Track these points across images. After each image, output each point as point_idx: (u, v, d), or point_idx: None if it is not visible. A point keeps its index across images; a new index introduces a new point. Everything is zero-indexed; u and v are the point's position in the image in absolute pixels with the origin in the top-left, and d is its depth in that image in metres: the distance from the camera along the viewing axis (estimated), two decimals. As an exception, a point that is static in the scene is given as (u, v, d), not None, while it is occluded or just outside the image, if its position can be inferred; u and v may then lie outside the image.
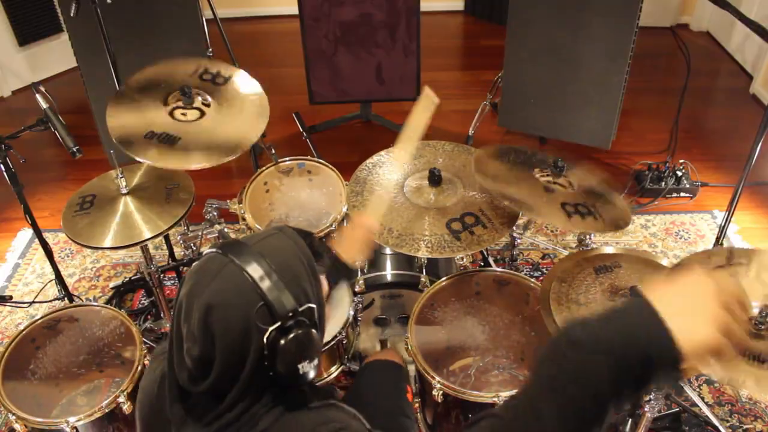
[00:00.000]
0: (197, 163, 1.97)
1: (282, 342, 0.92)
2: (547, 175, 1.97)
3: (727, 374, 0.71)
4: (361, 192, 2.05)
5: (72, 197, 2.12)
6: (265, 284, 0.92)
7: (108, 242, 1.97)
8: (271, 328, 0.91)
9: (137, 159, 1.97)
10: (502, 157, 2.04)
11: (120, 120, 2.06)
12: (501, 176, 1.93)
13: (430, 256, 1.87)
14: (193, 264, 0.99)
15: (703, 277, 0.76)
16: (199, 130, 2.09)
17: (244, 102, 2.21)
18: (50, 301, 2.74)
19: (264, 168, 2.39)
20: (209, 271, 0.94)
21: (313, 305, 0.97)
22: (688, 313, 0.73)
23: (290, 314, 0.93)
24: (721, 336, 0.73)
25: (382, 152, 2.20)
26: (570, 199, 1.84)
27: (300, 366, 0.95)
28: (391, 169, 2.04)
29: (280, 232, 1.03)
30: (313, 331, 0.96)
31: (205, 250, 1.00)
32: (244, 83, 2.27)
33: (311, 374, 0.98)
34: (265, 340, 0.92)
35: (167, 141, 2.03)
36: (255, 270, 0.92)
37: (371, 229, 1.51)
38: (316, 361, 0.98)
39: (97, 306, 2.01)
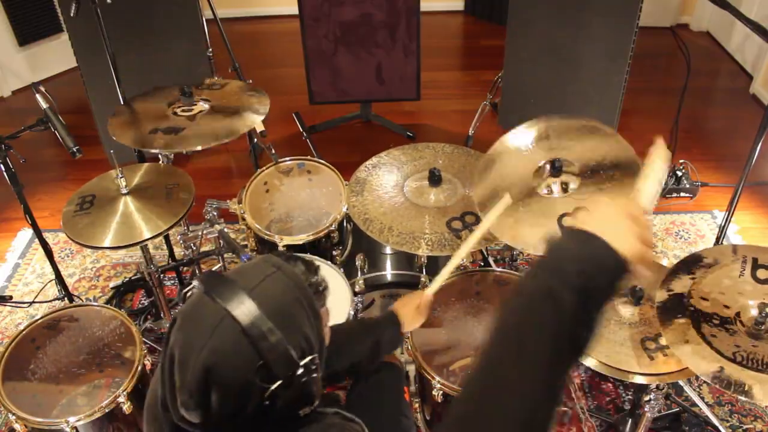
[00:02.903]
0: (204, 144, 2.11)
1: (283, 396, 0.89)
2: (547, 176, 1.96)
3: (651, 277, 0.83)
4: (361, 192, 2.05)
5: (72, 197, 2.12)
6: (265, 344, 0.86)
7: (108, 242, 1.97)
8: (272, 388, 0.88)
9: (145, 150, 2.09)
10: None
11: (122, 125, 2.13)
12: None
13: (430, 254, 1.87)
14: (185, 306, 0.93)
15: (610, 202, 0.85)
16: (202, 121, 2.17)
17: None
18: (50, 301, 2.73)
19: (264, 168, 2.39)
20: (204, 324, 0.88)
21: (315, 354, 0.93)
22: (612, 233, 0.80)
23: (291, 372, 0.89)
24: (641, 244, 0.81)
25: (382, 153, 2.20)
26: (568, 205, 1.82)
27: (301, 411, 0.94)
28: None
29: (279, 270, 0.94)
30: (315, 376, 0.92)
31: (194, 281, 0.97)
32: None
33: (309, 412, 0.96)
34: (265, 395, 0.89)
35: (172, 132, 2.11)
36: (254, 326, 0.86)
37: (427, 300, 1.62)
38: (316, 403, 0.96)
39: (97, 306, 2.01)
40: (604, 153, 1.87)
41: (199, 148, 2.14)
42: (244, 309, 0.87)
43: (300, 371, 0.90)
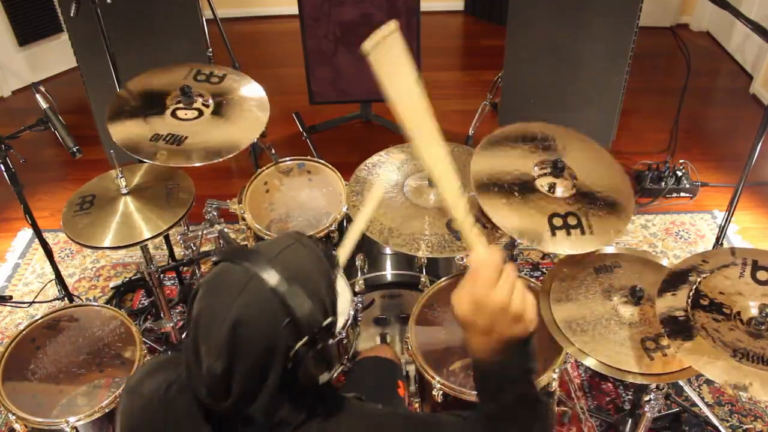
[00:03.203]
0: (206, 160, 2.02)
1: (306, 356, 0.92)
2: (547, 175, 1.96)
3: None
4: (361, 192, 2.05)
5: (72, 197, 2.12)
6: (293, 301, 0.90)
7: (108, 242, 1.97)
8: (298, 345, 0.90)
9: (146, 161, 2.00)
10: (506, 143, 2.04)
11: (124, 129, 2.10)
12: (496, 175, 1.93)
13: (430, 256, 1.87)
14: (207, 277, 0.96)
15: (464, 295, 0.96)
16: (203, 129, 2.11)
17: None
18: (50, 301, 2.74)
19: (264, 168, 2.39)
20: (232, 284, 0.91)
21: (334, 318, 0.96)
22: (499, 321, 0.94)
23: (315, 330, 0.92)
24: (518, 305, 0.92)
25: (382, 152, 2.20)
26: (562, 207, 1.83)
27: (321, 377, 0.97)
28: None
29: (297, 242, 0.99)
30: (332, 342, 0.96)
31: (213, 257, 0.97)
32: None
33: (327, 382, 0.99)
34: (290, 354, 0.91)
35: (173, 141, 2.06)
36: (281, 285, 0.90)
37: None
38: (333, 370, 1.00)
39: (97, 306, 2.01)
40: (604, 185, 1.87)
41: (199, 164, 2.03)
42: (270, 272, 0.90)
43: (322, 332, 0.93)
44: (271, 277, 0.90)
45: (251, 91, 2.27)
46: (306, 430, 0.97)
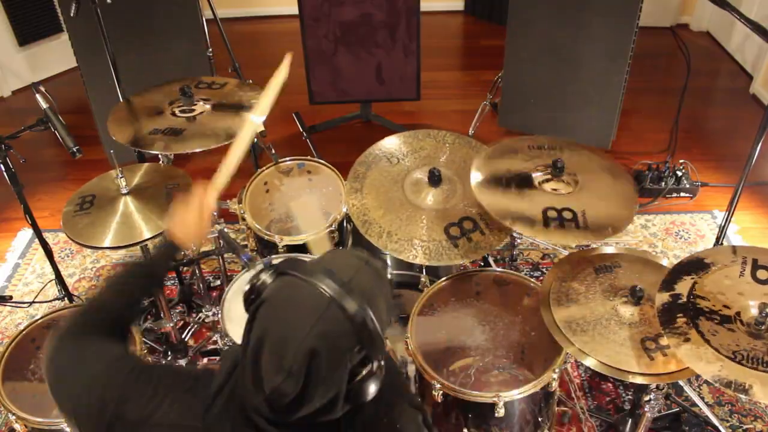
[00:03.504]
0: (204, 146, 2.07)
1: (366, 381, 0.95)
2: (547, 176, 1.97)
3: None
4: (360, 189, 2.05)
5: (72, 197, 2.12)
6: (367, 330, 0.92)
7: (108, 242, 1.97)
8: (364, 372, 0.93)
9: (150, 152, 2.07)
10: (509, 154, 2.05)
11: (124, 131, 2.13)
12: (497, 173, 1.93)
13: (428, 264, 1.87)
14: (273, 290, 0.95)
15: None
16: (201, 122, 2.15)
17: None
18: (50, 301, 2.73)
19: (264, 168, 2.39)
20: (308, 307, 0.91)
21: (389, 346, 1.00)
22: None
23: (381, 355, 0.95)
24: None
25: (379, 142, 2.20)
26: (557, 203, 1.83)
27: (371, 389, 0.98)
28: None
29: (367, 265, 1.00)
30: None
31: (273, 269, 0.97)
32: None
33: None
34: (357, 379, 0.94)
35: (172, 133, 2.09)
36: (358, 314, 0.91)
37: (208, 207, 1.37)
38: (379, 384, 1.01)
39: (97, 306, 2.01)
40: (601, 209, 1.85)
41: (198, 150, 2.10)
42: (348, 300, 0.91)
43: (383, 355, 0.96)
44: (349, 305, 0.91)
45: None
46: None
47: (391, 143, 2.20)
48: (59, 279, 2.40)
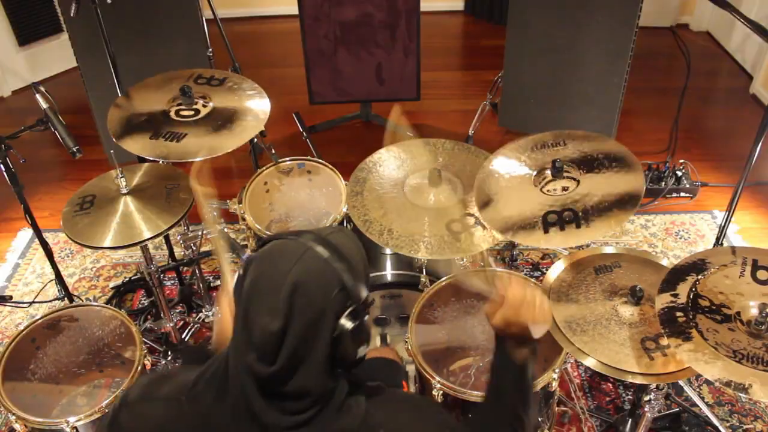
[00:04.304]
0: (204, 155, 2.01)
1: (351, 326, 1.00)
2: (547, 178, 1.96)
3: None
4: (361, 192, 2.05)
5: (72, 197, 2.12)
6: (344, 273, 0.99)
7: (108, 242, 1.97)
8: (346, 312, 0.99)
9: (150, 159, 2.02)
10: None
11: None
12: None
13: (429, 258, 1.87)
14: (260, 252, 1.03)
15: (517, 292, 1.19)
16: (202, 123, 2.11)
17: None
18: (50, 301, 2.74)
19: (264, 168, 2.39)
20: (290, 253, 0.99)
21: (370, 295, 1.06)
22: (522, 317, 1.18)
23: (360, 301, 1.01)
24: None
25: (382, 150, 2.20)
26: (559, 204, 1.82)
27: (359, 350, 1.04)
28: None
29: (341, 231, 1.10)
30: (366, 318, 1.05)
31: (263, 240, 1.04)
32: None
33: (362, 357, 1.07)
34: (338, 322, 0.99)
35: (173, 138, 2.06)
36: (333, 259, 0.99)
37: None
38: (367, 345, 1.07)
39: (97, 306, 2.01)
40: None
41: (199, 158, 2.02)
42: (323, 246, 1.00)
43: (363, 304, 1.02)
44: (323, 252, 0.99)
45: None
46: (348, 407, 1.04)
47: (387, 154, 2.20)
48: (59, 279, 2.40)
